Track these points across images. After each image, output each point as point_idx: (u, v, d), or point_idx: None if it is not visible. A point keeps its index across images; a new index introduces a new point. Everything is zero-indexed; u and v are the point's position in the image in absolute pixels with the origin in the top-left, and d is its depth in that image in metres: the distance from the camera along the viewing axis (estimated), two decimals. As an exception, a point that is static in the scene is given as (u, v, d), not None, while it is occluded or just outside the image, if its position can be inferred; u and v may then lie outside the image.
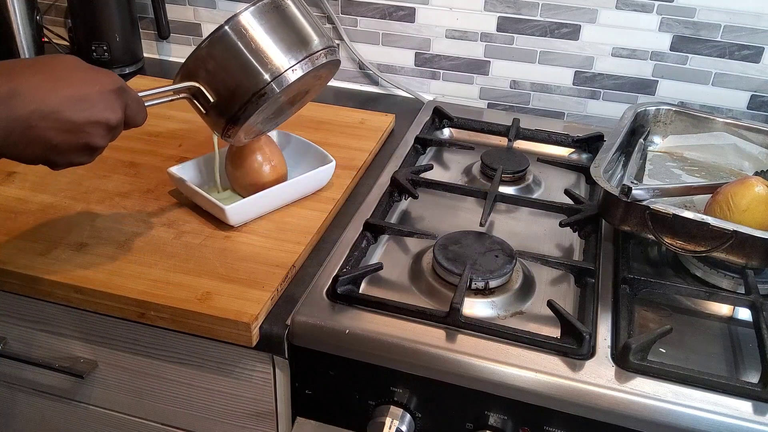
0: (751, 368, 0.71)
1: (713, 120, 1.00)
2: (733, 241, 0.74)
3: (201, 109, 0.76)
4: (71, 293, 0.77)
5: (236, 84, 0.74)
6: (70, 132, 0.61)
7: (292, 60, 0.75)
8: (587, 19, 1.13)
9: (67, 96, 0.60)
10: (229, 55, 0.73)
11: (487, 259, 0.79)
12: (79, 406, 0.92)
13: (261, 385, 0.80)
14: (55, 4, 1.37)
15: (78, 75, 0.62)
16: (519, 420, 0.71)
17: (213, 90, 0.74)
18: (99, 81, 0.63)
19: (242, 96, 0.74)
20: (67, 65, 0.63)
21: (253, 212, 0.86)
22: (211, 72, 0.74)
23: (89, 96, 0.62)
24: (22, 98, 0.58)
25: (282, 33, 0.75)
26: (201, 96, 0.75)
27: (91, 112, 0.62)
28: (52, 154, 0.62)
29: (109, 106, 0.64)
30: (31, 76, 0.59)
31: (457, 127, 1.15)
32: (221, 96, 0.74)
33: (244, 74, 0.73)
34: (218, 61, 0.74)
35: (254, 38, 0.74)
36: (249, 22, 0.74)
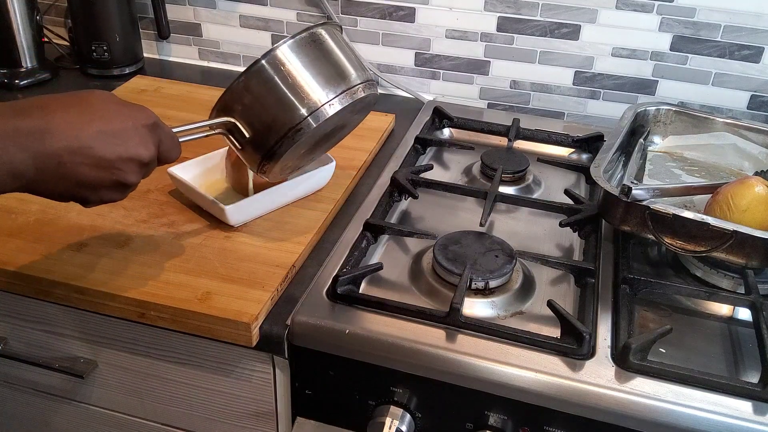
0: (751, 368, 0.71)
1: (713, 120, 1.00)
2: (733, 241, 0.74)
3: (236, 144, 0.75)
4: (71, 293, 0.77)
5: (272, 119, 0.72)
6: (102, 168, 0.60)
7: (330, 94, 0.73)
8: (587, 19, 1.13)
9: (99, 131, 0.60)
10: (266, 89, 0.72)
11: (487, 259, 0.79)
12: (79, 406, 0.92)
13: (261, 385, 0.80)
14: (55, 4, 1.37)
15: (111, 110, 0.62)
16: (519, 420, 0.71)
17: (248, 125, 0.73)
18: (132, 116, 0.62)
19: (278, 131, 0.72)
20: (100, 100, 0.62)
21: (253, 212, 0.87)
22: (247, 106, 0.72)
23: (122, 132, 0.61)
24: (55, 134, 0.58)
25: (319, 67, 0.73)
26: (236, 131, 0.73)
27: (124, 148, 0.61)
28: (83, 191, 0.61)
29: (142, 142, 0.62)
30: (64, 112, 0.59)
31: (457, 127, 1.15)
32: (257, 131, 0.73)
33: (280, 109, 0.72)
34: (254, 96, 0.72)
35: (291, 72, 0.72)
36: (286, 56, 0.72)
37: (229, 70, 1.35)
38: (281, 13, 1.27)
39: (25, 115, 0.57)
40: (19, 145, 0.56)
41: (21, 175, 0.57)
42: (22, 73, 1.23)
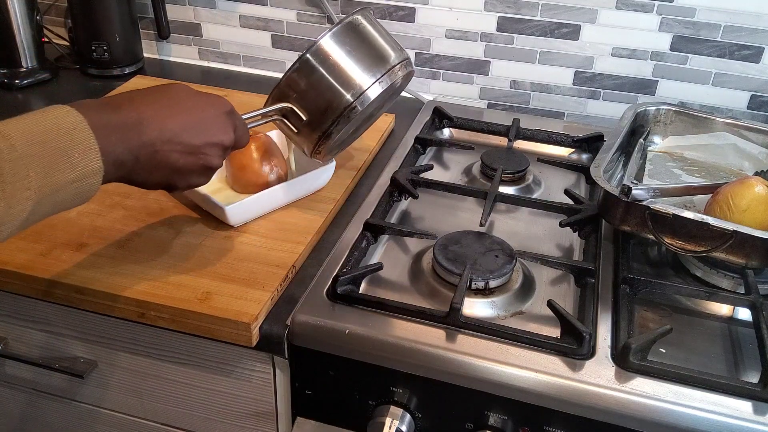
0: (751, 368, 0.71)
1: (713, 120, 1.00)
2: (733, 241, 0.74)
3: (293, 128, 0.81)
4: (71, 293, 0.77)
5: (328, 102, 0.78)
6: (191, 154, 0.66)
7: (377, 74, 0.80)
8: (587, 19, 1.13)
9: (185, 121, 0.65)
10: (322, 73, 0.78)
11: (487, 259, 0.79)
12: (79, 406, 0.92)
13: (261, 385, 0.80)
14: (55, 4, 1.37)
15: (192, 100, 0.67)
16: (519, 420, 0.71)
17: (305, 109, 0.79)
18: (212, 105, 0.68)
19: (334, 112, 0.79)
20: (182, 92, 0.67)
21: (253, 212, 0.87)
22: (303, 92, 0.79)
23: (205, 120, 0.67)
24: (148, 125, 0.62)
25: (362, 51, 0.80)
26: (293, 116, 0.80)
27: (208, 135, 0.67)
28: (174, 177, 0.66)
29: (222, 128, 0.68)
30: (152, 104, 0.64)
31: (457, 127, 1.15)
32: (313, 114, 0.79)
33: (335, 92, 0.78)
34: (310, 81, 0.78)
35: (337, 60, 0.79)
36: (330, 46, 0.79)
37: (229, 70, 1.35)
38: (281, 13, 1.27)
39: (120, 108, 0.61)
40: (120, 136, 0.60)
41: (122, 164, 0.61)
42: (22, 73, 1.23)
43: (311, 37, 1.27)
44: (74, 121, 0.57)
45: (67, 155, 0.56)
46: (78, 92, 1.23)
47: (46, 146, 0.55)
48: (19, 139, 0.54)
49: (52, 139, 0.55)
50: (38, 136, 0.55)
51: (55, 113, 0.57)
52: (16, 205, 0.54)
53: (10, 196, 0.53)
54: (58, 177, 0.56)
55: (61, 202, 0.58)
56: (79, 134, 0.57)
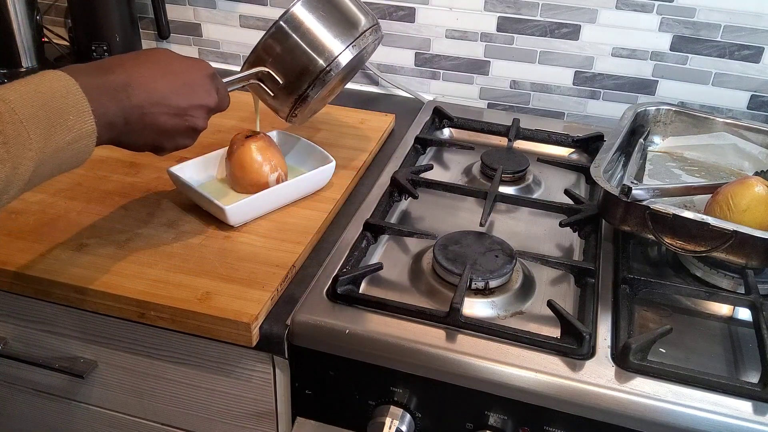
0: (751, 368, 0.71)
1: (713, 120, 1.00)
2: (733, 241, 0.74)
3: (269, 91, 0.84)
4: (71, 293, 0.77)
5: (304, 65, 0.82)
6: (178, 116, 0.68)
7: (349, 39, 0.84)
8: (587, 19, 1.13)
9: (172, 84, 0.67)
10: (297, 39, 0.82)
11: (487, 259, 0.79)
12: (79, 406, 0.92)
13: (261, 385, 0.80)
14: (55, 4, 1.37)
15: (178, 64, 0.69)
16: (519, 420, 0.71)
17: (281, 73, 0.82)
18: (196, 68, 0.71)
19: (310, 75, 0.82)
20: (166, 56, 0.69)
21: (253, 212, 0.87)
22: (279, 57, 0.82)
23: (190, 82, 0.69)
24: (136, 88, 0.64)
25: (337, 15, 0.84)
26: (269, 80, 0.82)
27: (194, 97, 0.69)
28: (162, 138, 0.69)
29: (207, 90, 0.71)
30: (140, 68, 0.66)
31: (457, 127, 1.15)
32: (289, 77, 0.82)
33: (311, 56, 0.82)
34: (286, 47, 0.81)
35: (313, 24, 0.82)
36: (304, 12, 0.82)
37: (230, 70, 1.35)
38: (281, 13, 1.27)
39: (110, 72, 0.63)
40: (110, 99, 0.62)
41: (113, 126, 0.63)
42: (22, 73, 1.23)
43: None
44: (67, 85, 0.59)
45: (63, 117, 0.58)
46: (78, 92, 1.23)
47: (43, 109, 0.57)
48: (18, 102, 0.55)
49: (49, 103, 0.57)
50: (36, 100, 0.56)
51: (49, 77, 0.59)
52: (20, 165, 0.55)
53: (15, 157, 0.54)
54: (56, 138, 0.57)
55: (59, 164, 0.60)
56: (73, 97, 0.59)
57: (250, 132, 0.90)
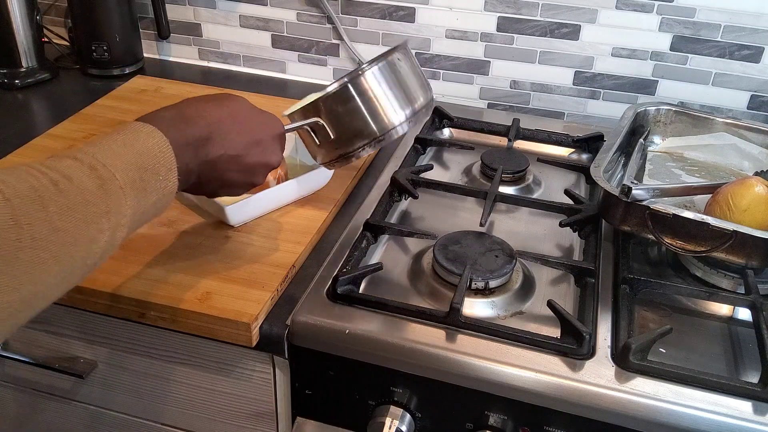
0: (751, 368, 0.71)
1: (713, 120, 1.00)
2: (733, 241, 0.74)
3: (316, 140, 0.83)
4: (71, 293, 0.76)
5: (359, 129, 0.81)
6: (245, 172, 0.69)
7: (407, 113, 0.83)
8: (587, 19, 1.13)
9: (247, 141, 0.67)
10: (360, 103, 0.80)
11: (487, 259, 0.79)
12: (79, 406, 0.92)
13: (261, 385, 0.80)
14: (55, 4, 1.37)
15: (254, 120, 0.69)
16: (519, 420, 0.71)
17: (335, 129, 0.81)
18: (269, 126, 0.70)
19: (363, 139, 0.81)
20: (244, 110, 0.69)
21: (253, 212, 0.87)
22: (338, 114, 0.80)
23: (263, 141, 0.69)
24: (215, 143, 0.64)
25: (400, 88, 0.83)
26: (321, 131, 0.81)
27: (264, 157, 0.70)
28: (221, 189, 0.69)
29: (275, 150, 0.71)
30: (218, 121, 0.65)
31: (457, 127, 1.15)
32: (341, 136, 0.81)
33: (368, 122, 0.81)
34: (347, 108, 0.80)
35: (378, 93, 0.81)
36: (376, 77, 0.81)
37: (229, 70, 1.35)
38: (281, 13, 1.27)
39: (193, 124, 0.63)
40: (192, 154, 0.62)
41: (188, 178, 0.63)
42: (22, 73, 1.23)
43: (311, 37, 1.27)
44: (160, 143, 0.59)
45: (155, 178, 0.57)
46: (78, 93, 1.23)
47: (139, 172, 0.56)
48: (119, 167, 0.55)
49: (144, 165, 0.57)
50: (133, 163, 0.56)
51: (144, 135, 0.58)
52: (117, 232, 0.54)
53: (114, 225, 0.54)
54: (146, 200, 0.57)
55: (141, 223, 0.59)
56: (164, 156, 0.58)
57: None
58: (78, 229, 0.50)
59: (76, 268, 0.51)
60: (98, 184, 0.53)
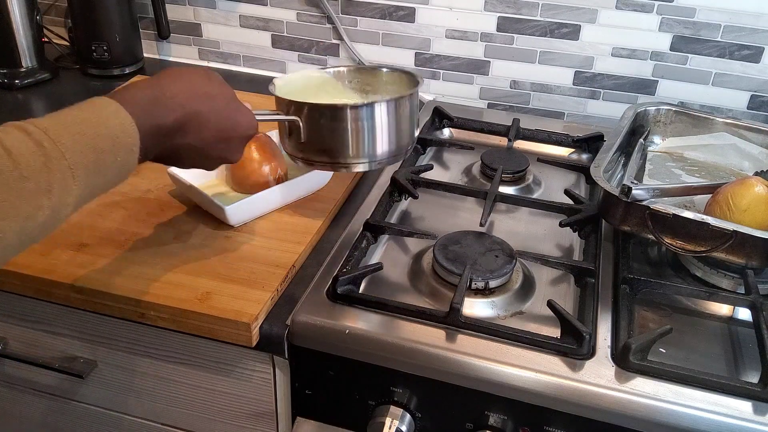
0: (751, 368, 0.71)
1: (713, 120, 1.00)
2: (733, 241, 0.74)
3: (287, 131, 0.80)
4: (71, 293, 0.77)
5: (330, 148, 0.78)
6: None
7: (386, 155, 0.80)
8: (587, 19, 1.13)
9: (217, 138, 0.67)
10: (347, 127, 0.77)
11: (487, 259, 0.79)
12: (79, 406, 0.92)
13: (261, 385, 0.80)
14: (55, 4, 1.37)
15: (230, 117, 0.68)
16: (519, 420, 0.71)
17: (309, 135, 0.78)
18: (243, 127, 0.70)
19: (330, 157, 0.79)
20: (224, 103, 0.68)
21: (253, 212, 0.87)
22: (319, 125, 0.77)
23: (232, 139, 0.69)
24: (185, 134, 0.64)
25: (390, 128, 0.79)
26: (295, 131, 0.78)
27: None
28: (171, 163, 0.69)
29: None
30: (196, 113, 0.64)
31: (457, 127, 1.15)
32: (311, 144, 0.78)
33: (342, 147, 0.78)
34: (332, 126, 0.77)
35: (368, 126, 0.78)
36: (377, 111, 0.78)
37: (229, 70, 1.35)
38: (281, 13, 1.27)
39: (168, 112, 0.62)
40: (158, 140, 0.62)
41: (146, 158, 0.63)
42: (22, 73, 1.23)
43: (311, 37, 1.27)
44: (124, 125, 0.58)
45: (111, 160, 0.57)
46: (78, 92, 1.23)
47: (94, 153, 0.55)
48: (71, 147, 0.54)
49: (102, 146, 0.56)
50: (89, 144, 0.55)
51: (105, 113, 0.57)
52: (60, 211, 0.55)
53: (56, 204, 0.53)
54: (99, 180, 0.57)
55: (92, 199, 0.59)
56: (126, 139, 0.58)
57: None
58: (10, 204, 0.50)
59: (8, 242, 0.51)
60: (42, 161, 0.52)
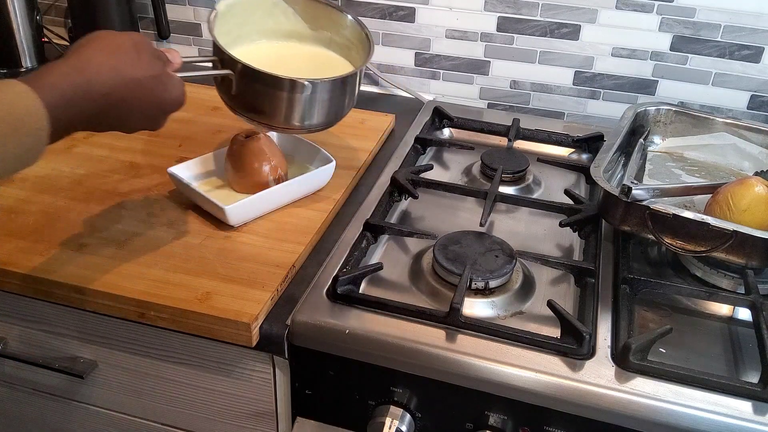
0: (751, 368, 0.71)
1: (713, 120, 1.00)
2: (733, 241, 0.74)
3: (219, 82, 0.80)
4: (71, 293, 0.77)
5: (262, 110, 0.79)
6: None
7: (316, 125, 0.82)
8: (587, 19, 1.13)
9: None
10: (278, 96, 0.78)
11: (487, 259, 0.79)
12: (79, 406, 0.92)
13: (261, 385, 0.80)
14: (55, 4, 1.37)
15: (157, 98, 0.67)
16: (519, 420, 0.71)
17: (240, 91, 0.78)
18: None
19: (258, 116, 0.80)
20: (152, 87, 0.66)
21: (253, 212, 0.86)
22: (254, 88, 0.77)
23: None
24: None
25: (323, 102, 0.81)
26: (226, 83, 0.78)
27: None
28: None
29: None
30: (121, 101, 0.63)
31: (457, 127, 1.15)
32: (242, 100, 0.79)
33: (276, 112, 0.79)
34: (266, 90, 0.77)
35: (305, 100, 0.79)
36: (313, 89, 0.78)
37: (229, 70, 1.35)
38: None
39: (89, 100, 0.61)
40: (72, 125, 0.61)
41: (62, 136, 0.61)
42: (22, 73, 1.23)
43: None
44: (29, 107, 0.56)
45: (14, 142, 0.55)
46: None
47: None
48: None
49: (5, 128, 0.54)
50: None
51: (9, 96, 0.55)
52: None
53: None
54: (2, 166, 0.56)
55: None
56: (32, 123, 0.56)
57: (250, 132, 0.90)
58: None
59: None
60: None
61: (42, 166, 0.95)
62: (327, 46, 0.93)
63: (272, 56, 0.90)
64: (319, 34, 0.92)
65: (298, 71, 0.79)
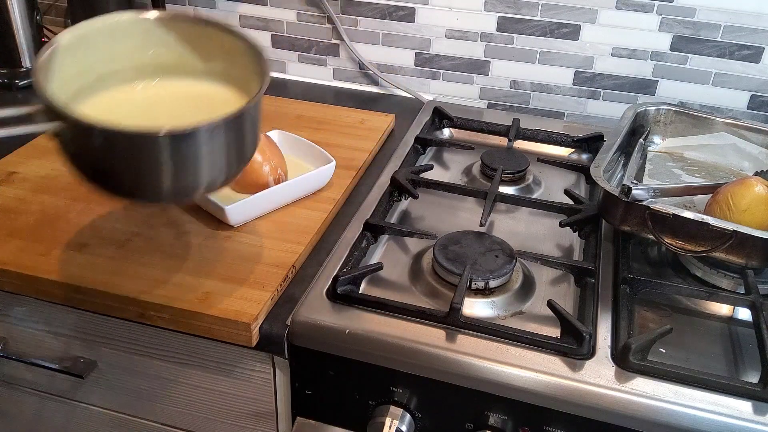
0: (751, 368, 0.71)
1: (713, 120, 1.00)
2: (733, 241, 0.74)
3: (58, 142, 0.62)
4: (71, 293, 0.77)
5: (118, 174, 0.62)
6: None
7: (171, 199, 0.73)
8: (587, 19, 1.13)
9: None
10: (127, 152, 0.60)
11: (487, 259, 0.79)
12: (79, 406, 0.92)
13: (261, 385, 0.80)
14: (55, 4, 1.37)
15: None
16: (519, 420, 0.71)
17: (74, 153, 0.60)
18: None
19: (111, 185, 0.63)
20: None
21: (253, 212, 0.86)
22: (88, 145, 0.59)
23: None
24: None
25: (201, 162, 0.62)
26: (62, 141, 0.61)
27: None
28: None
29: None
30: None
31: (457, 127, 1.15)
32: (86, 163, 0.62)
33: (130, 175, 0.62)
34: (109, 148, 0.60)
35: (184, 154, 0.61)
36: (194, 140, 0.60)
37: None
38: (281, 13, 1.27)
39: None
40: None
41: None
42: (22, 73, 1.23)
43: (311, 37, 1.27)
44: None
45: None
46: (78, 92, 1.23)
47: None
48: None
49: None
50: None
51: None
52: None
53: None
54: None
55: None
56: None
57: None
58: None
59: None
60: None
61: (42, 166, 0.95)
62: (224, 80, 0.73)
63: (140, 102, 0.71)
64: (213, 65, 0.72)
65: (171, 118, 0.61)
